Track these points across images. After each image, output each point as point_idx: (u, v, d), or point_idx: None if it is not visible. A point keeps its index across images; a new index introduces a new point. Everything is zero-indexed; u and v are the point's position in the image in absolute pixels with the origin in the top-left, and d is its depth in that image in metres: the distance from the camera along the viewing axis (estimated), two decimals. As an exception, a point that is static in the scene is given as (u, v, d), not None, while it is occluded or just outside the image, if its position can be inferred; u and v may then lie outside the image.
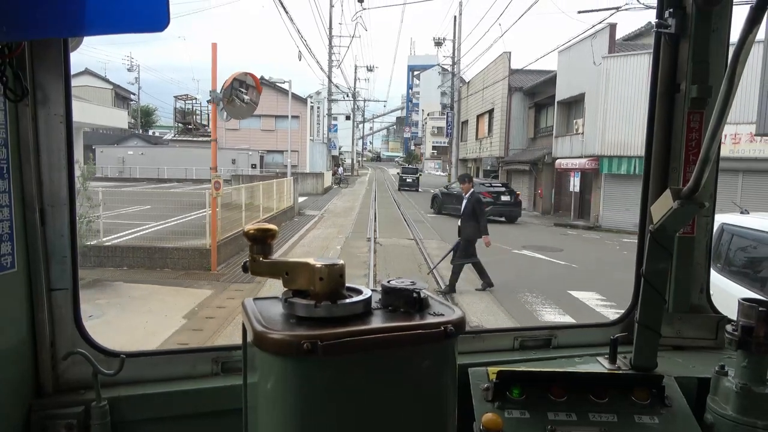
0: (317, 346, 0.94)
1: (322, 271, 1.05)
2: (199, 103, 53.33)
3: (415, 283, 1.14)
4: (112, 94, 53.09)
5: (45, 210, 1.35)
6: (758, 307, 1.35)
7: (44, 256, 1.35)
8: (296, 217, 20.52)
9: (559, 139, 24.88)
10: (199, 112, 53.57)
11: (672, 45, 1.74)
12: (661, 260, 1.56)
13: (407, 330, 1.03)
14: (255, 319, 1.04)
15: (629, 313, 1.86)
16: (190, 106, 53.02)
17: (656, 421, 1.45)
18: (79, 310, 1.44)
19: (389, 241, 15.41)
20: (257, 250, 1.12)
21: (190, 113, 54.06)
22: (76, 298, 1.43)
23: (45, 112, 1.33)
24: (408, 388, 1.06)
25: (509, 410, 1.44)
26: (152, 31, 1.08)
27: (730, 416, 1.39)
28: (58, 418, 1.32)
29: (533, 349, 1.80)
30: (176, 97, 53.20)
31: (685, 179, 1.51)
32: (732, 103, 1.23)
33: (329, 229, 18.06)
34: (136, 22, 1.08)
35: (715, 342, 1.83)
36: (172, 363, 1.50)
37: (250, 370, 1.17)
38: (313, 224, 18.84)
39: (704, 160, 1.29)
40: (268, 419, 1.05)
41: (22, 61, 1.26)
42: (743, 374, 1.39)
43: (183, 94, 55.03)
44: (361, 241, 15.08)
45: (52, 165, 1.35)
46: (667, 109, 1.78)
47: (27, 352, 1.34)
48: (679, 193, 1.37)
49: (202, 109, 53.87)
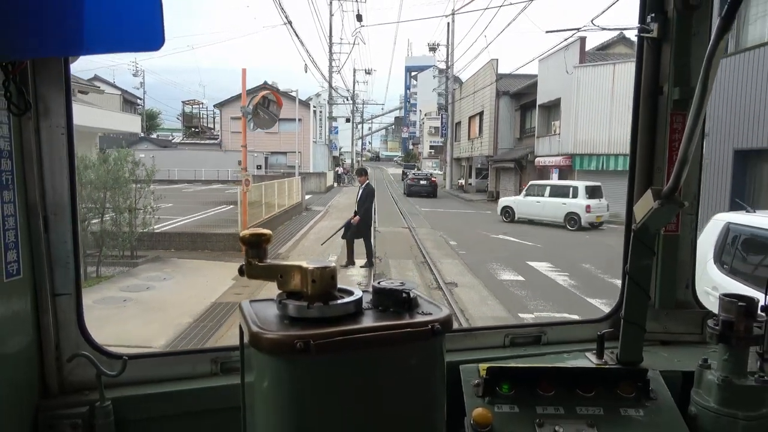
0: (310, 345, 0.97)
1: (314, 273, 1.08)
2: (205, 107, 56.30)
3: (404, 284, 1.17)
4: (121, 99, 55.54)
5: (48, 217, 1.39)
6: (738, 302, 1.39)
7: (48, 262, 1.39)
8: (304, 212, 23.13)
9: (540, 139, 27.55)
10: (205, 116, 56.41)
11: (654, 48, 1.77)
12: (644, 258, 1.58)
13: (396, 329, 1.06)
14: (251, 321, 1.07)
15: (616, 310, 1.88)
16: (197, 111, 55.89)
17: (641, 413, 1.48)
18: (82, 313, 1.47)
19: (387, 229, 18.07)
20: (252, 254, 1.14)
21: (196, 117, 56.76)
22: (79, 302, 1.46)
23: (47, 124, 1.37)
24: (398, 385, 1.09)
25: (499, 405, 1.47)
26: (148, 50, 1.13)
27: (712, 408, 1.43)
28: (63, 418, 1.36)
29: (523, 346, 1.83)
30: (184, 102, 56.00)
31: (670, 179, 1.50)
32: (707, 104, 1.26)
33: (335, 221, 20.66)
34: (132, 42, 1.13)
35: (701, 336, 1.85)
36: (173, 364, 1.54)
37: (247, 370, 1.21)
38: (320, 217, 21.47)
39: (682, 160, 1.31)
40: (264, 417, 1.08)
41: (24, 77, 1.31)
42: (725, 367, 1.42)
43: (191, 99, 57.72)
44: (363, 230, 17.73)
45: (54, 174, 1.39)
46: (650, 111, 1.81)
47: (33, 355, 1.38)
48: (660, 193, 1.39)
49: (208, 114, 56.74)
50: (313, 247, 14.22)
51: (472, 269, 11.73)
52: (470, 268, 11.87)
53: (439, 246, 14.94)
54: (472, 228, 19.31)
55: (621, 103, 21.18)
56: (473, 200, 33.74)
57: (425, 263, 12.18)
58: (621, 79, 21.52)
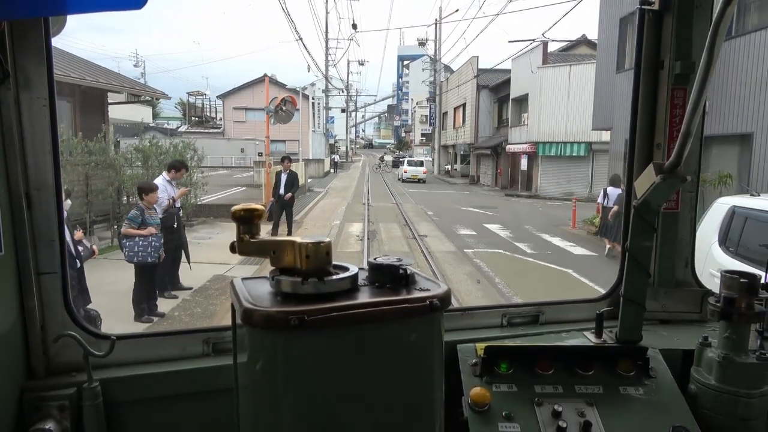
0: (305, 321, 0.96)
1: (309, 248, 1.06)
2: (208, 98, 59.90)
3: (401, 260, 1.15)
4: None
5: (31, 194, 1.33)
6: (740, 278, 1.39)
7: (31, 240, 1.34)
8: (307, 193, 27.08)
9: (512, 129, 31.55)
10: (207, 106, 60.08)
11: (656, 22, 1.74)
12: (645, 235, 1.56)
13: (393, 304, 1.04)
14: (243, 297, 1.05)
15: (615, 288, 1.86)
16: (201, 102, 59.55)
17: (641, 392, 1.47)
18: (68, 293, 1.42)
19: (378, 204, 22.11)
20: (244, 230, 1.12)
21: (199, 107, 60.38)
22: (65, 282, 1.41)
23: (27, 95, 1.31)
24: (396, 362, 1.07)
25: (497, 384, 1.47)
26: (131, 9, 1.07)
27: (712, 386, 1.43)
28: (50, 399, 1.32)
29: (521, 326, 1.81)
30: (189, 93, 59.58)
31: (670, 155, 1.44)
32: (712, 75, 1.23)
33: (335, 198, 24.68)
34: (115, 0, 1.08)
35: (700, 315, 1.85)
36: (163, 344, 1.51)
37: (240, 350, 1.18)
38: (322, 197, 25.44)
39: (686, 133, 1.29)
40: (258, 396, 1.06)
41: (2, 43, 1.23)
42: (725, 344, 1.42)
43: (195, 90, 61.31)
44: (359, 205, 21.74)
45: (36, 149, 1.33)
46: (651, 86, 1.78)
47: (18, 336, 1.34)
48: (662, 168, 1.37)
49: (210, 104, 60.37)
50: (321, 215, 18.24)
51: (440, 228, 15.82)
52: (439, 227, 15.95)
53: (418, 214, 19.05)
54: (448, 204, 23.37)
55: (575, 99, 25.22)
56: (456, 183, 37.94)
57: (406, 225, 16.25)
58: (576, 79, 25.48)
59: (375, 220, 17.20)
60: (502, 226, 16.30)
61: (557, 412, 1.40)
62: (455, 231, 15.44)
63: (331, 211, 19.78)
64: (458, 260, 11.51)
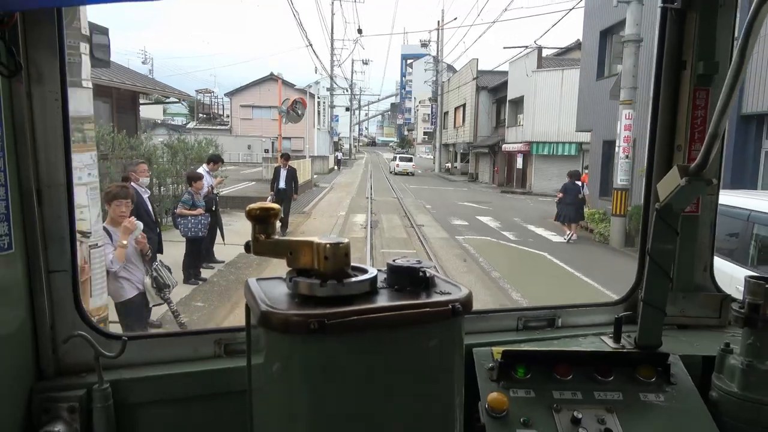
0: (325, 324, 0.94)
1: (327, 249, 1.04)
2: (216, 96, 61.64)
3: (421, 262, 1.13)
4: (135, 87, 60.31)
5: (42, 190, 1.31)
6: (765, 284, 1.35)
7: (42, 238, 1.32)
8: (313, 188, 28.72)
9: (509, 129, 33.14)
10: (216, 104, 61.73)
11: (678, 21, 1.70)
12: (667, 239, 1.53)
13: (414, 308, 1.02)
14: (260, 299, 1.03)
15: (633, 292, 1.85)
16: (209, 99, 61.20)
17: (662, 398, 1.44)
18: (78, 292, 1.40)
19: (381, 198, 23.77)
20: (260, 229, 1.10)
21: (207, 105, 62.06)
22: (76, 280, 1.39)
23: (40, 89, 1.28)
24: (415, 368, 1.05)
25: (514, 389, 1.43)
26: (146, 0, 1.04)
27: (735, 393, 1.39)
28: (60, 401, 1.30)
29: (537, 329, 1.79)
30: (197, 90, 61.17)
31: (690, 157, 1.42)
32: (743, 75, 1.18)
33: (340, 193, 26.33)
34: None
35: (719, 320, 1.82)
36: (174, 345, 1.49)
37: (254, 351, 1.17)
38: (327, 191, 27.10)
39: (713, 135, 1.25)
40: (274, 399, 1.04)
41: (15, 36, 1.21)
42: (749, 351, 1.38)
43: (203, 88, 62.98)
44: (362, 199, 23.39)
45: (48, 144, 1.30)
46: (672, 87, 1.75)
47: (27, 335, 1.32)
48: (687, 170, 1.35)
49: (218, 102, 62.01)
50: (328, 208, 19.89)
51: (436, 219, 17.47)
52: (435, 218, 17.61)
53: (417, 207, 20.72)
54: (446, 199, 25.01)
55: (567, 102, 26.79)
56: (456, 180, 39.59)
57: (406, 216, 17.91)
58: (568, 82, 27.02)
59: (377, 211, 18.83)
60: (493, 218, 17.95)
61: (577, 418, 1.37)
62: (450, 222, 17.07)
63: (337, 204, 21.45)
64: (450, 245, 13.16)
